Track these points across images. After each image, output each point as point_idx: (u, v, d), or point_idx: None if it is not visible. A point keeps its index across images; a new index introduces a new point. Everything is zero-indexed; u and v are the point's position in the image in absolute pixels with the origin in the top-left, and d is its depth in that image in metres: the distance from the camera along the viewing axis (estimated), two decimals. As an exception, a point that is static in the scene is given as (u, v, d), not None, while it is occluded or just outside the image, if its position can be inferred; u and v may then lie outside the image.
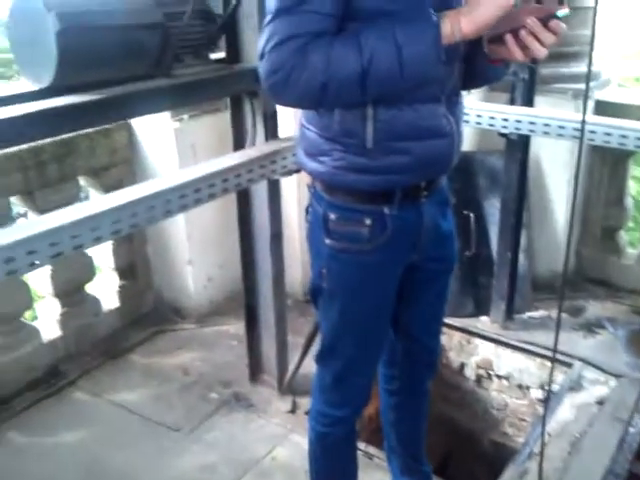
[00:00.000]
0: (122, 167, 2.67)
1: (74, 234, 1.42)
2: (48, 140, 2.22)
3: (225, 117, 2.32)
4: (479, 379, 2.79)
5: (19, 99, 1.51)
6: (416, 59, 1.11)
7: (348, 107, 1.22)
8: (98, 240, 1.50)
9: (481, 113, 2.35)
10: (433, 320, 1.62)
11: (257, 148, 2.03)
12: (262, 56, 1.13)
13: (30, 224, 1.51)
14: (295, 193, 2.82)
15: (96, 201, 1.68)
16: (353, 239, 1.32)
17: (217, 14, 1.87)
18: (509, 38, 1.13)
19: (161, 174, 2.67)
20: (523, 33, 1.11)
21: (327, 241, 1.33)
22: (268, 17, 1.13)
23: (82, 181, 2.58)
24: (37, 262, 1.37)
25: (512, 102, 2.51)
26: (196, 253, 2.82)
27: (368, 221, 1.30)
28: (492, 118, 2.34)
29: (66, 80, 1.52)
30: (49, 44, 1.44)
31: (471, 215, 2.80)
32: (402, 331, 1.58)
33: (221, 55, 2.05)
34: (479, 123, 2.37)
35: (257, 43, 1.88)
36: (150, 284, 2.91)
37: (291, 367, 2.39)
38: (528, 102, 2.49)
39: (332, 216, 1.32)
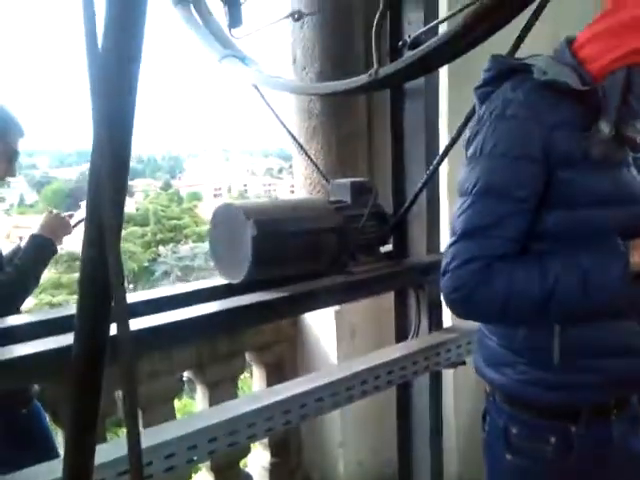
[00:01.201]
0: (284, 345, 2.79)
1: (250, 422, 1.48)
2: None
3: (383, 301, 2.38)
4: None
5: (212, 293, 1.68)
6: (602, 288, 1.10)
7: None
8: (270, 430, 1.55)
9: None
10: None
11: (421, 340, 2.04)
12: (445, 273, 1.18)
13: (210, 413, 1.60)
14: (451, 380, 2.75)
15: (267, 392, 1.75)
16: (536, 458, 1.25)
17: (389, 214, 2.00)
18: None
19: (320, 353, 2.74)
20: None
21: (508, 456, 1.27)
22: (453, 238, 1.19)
23: (247, 356, 2.71)
24: (215, 450, 1.43)
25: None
26: (348, 435, 2.79)
27: (552, 439, 1.23)
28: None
29: (254, 277, 1.67)
30: (245, 246, 1.61)
31: None
32: None
33: (389, 247, 2.16)
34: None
35: (424, 239, 2.04)
36: (300, 463, 2.89)
37: None
38: None
39: (514, 430, 1.26)
